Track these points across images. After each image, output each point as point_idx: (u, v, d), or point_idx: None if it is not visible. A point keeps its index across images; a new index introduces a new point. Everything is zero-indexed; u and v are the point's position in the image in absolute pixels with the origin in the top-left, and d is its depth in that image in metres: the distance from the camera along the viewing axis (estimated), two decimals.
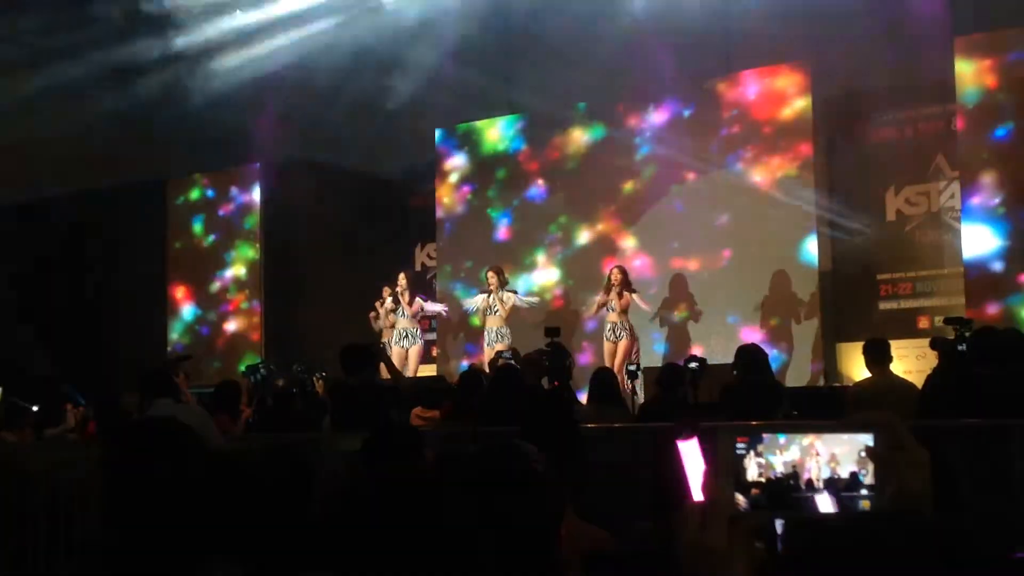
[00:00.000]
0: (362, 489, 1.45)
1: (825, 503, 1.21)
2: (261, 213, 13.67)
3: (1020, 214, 9.46)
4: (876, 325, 10.09)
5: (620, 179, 11.73)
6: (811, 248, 10.65)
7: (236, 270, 13.87)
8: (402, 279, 11.20)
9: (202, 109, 12.32)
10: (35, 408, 9.35)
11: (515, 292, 10.88)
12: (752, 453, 1.23)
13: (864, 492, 1.20)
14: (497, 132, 12.65)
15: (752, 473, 1.22)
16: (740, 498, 1.22)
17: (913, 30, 9.83)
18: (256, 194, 13.75)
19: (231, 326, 13.76)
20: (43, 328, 14.05)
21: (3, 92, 12.11)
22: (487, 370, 9.48)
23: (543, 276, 12.08)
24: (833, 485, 1.21)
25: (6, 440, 8.43)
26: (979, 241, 9.64)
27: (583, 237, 11.92)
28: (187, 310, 14.12)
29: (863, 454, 1.21)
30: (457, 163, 12.81)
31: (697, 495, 1.22)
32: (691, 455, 1.30)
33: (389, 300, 11.26)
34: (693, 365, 7.82)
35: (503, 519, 1.52)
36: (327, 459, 4.70)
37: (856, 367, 8.68)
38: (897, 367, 7.70)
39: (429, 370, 12.01)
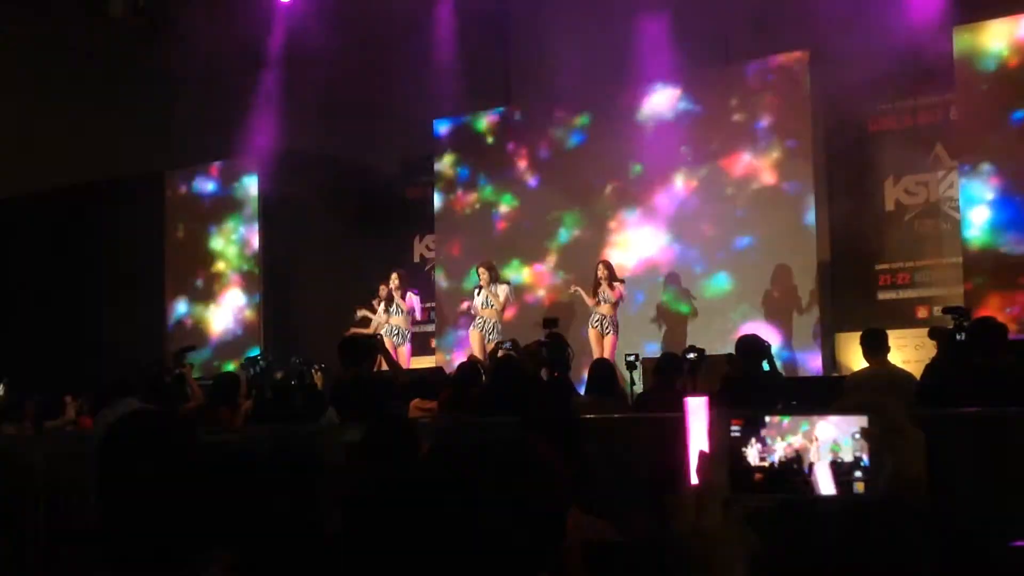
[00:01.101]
0: (364, 486, 1.45)
1: (827, 486, 1.21)
2: (259, 205, 13.65)
3: (1019, 203, 9.46)
4: (875, 315, 10.09)
5: (618, 170, 11.71)
6: (809, 238, 10.64)
7: (234, 262, 13.86)
8: (394, 278, 11.18)
9: (202, 99, 12.29)
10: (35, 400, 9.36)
11: (508, 283, 10.86)
12: (754, 439, 1.23)
13: (859, 474, 1.20)
14: (495, 123, 12.63)
15: (753, 458, 1.23)
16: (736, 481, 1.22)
17: (913, 19, 9.81)
18: (254, 186, 13.73)
19: (229, 318, 13.75)
20: (41, 320, 14.05)
21: None
22: (479, 356, 9.52)
23: (541, 267, 12.08)
24: (835, 469, 1.21)
25: (6, 432, 8.44)
26: (978, 230, 9.65)
27: (581, 228, 11.91)
28: (185, 302, 14.11)
29: (858, 436, 1.21)
30: (455, 154, 12.79)
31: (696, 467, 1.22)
32: (698, 417, 1.28)
33: (382, 301, 11.22)
34: (692, 355, 7.83)
35: (506, 511, 1.52)
36: (328, 451, 4.71)
37: (855, 357, 8.67)
38: (896, 357, 7.71)
39: (428, 362, 12.02)
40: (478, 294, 10.60)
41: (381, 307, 11.20)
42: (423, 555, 1.31)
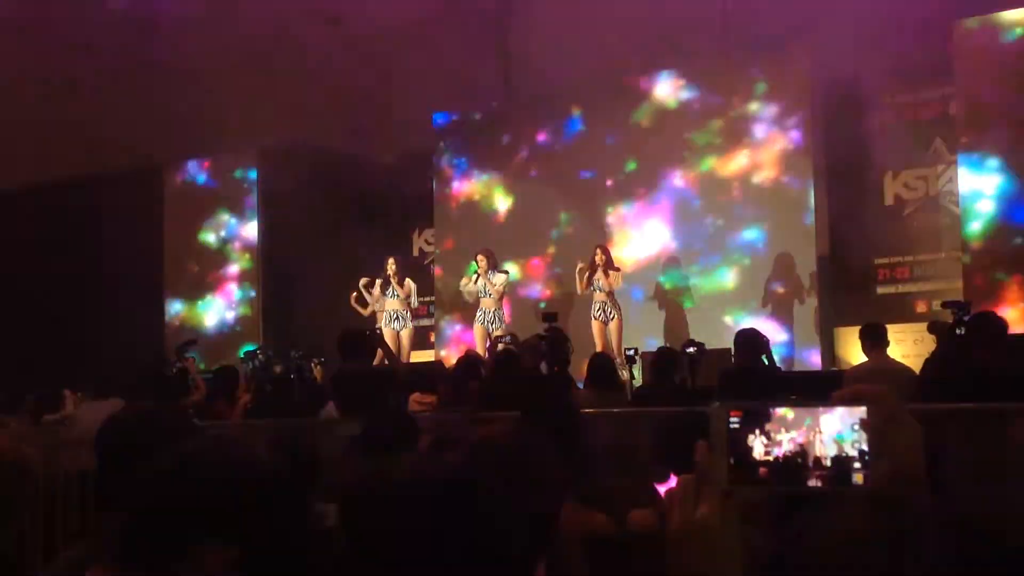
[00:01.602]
0: (363, 480, 1.45)
1: (828, 478, 1.22)
2: (258, 199, 13.64)
3: (1018, 198, 9.45)
4: (874, 309, 10.09)
5: (617, 163, 11.71)
6: (809, 232, 10.64)
7: (233, 256, 13.85)
8: (391, 263, 11.22)
9: (200, 93, 12.26)
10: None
11: (506, 273, 10.87)
12: (758, 431, 1.23)
13: (858, 466, 1.20)
14: (495, 116, 12.61)
15: (758, 452, 1.23)
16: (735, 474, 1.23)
17: (913, 14, 9.80)
18: (253, 179, 13.72)
19: (228, 312, 13.75)
20: (40, 315, 14.04)
21: None
22: (480, 352, 9.52)
23: (539, 260, 12.08)
24: (837, 461, 1.21)
25: (5, 426, 8.43)
26: (979, 224, 9.64)
27: (579, 221, 11.90)
28: (184, 296, 14.10)
29: (857, 427, 1.21)
30: (454, 148, 12.78)
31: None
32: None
33: (378, 285, 11.24)
34: (691, 350, 7.84)
35: (503, 506, 1.52)
36: (327, 445, 4.71)
37: (854, 351, 8.68)
38: (895, 351, 7.72)
39: (427, 355, 12.01)
40: (475, 281, 10.62)
41: (376, 290, 11.21)
42: (420, 550, 1.31)
